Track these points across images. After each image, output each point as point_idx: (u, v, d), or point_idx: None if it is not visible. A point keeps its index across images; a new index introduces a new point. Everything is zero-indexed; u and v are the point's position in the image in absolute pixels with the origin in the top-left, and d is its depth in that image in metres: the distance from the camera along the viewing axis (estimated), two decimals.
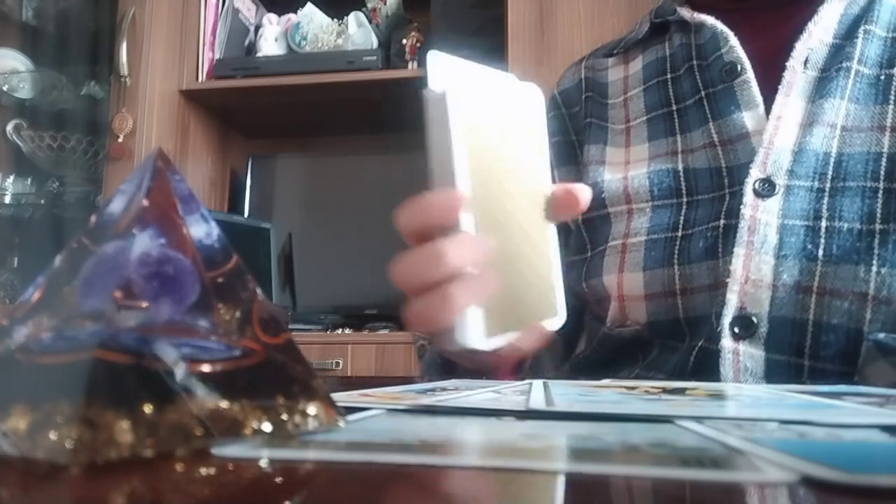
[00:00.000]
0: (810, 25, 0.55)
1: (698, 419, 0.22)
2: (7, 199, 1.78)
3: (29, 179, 1.79)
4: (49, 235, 1.72)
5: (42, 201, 1.77)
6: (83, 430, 0.16)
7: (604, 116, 0.65)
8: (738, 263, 0.50)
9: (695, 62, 0.60)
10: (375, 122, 1.88)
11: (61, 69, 1.76)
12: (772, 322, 0.49)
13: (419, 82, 0.40)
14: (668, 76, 0.62)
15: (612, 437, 0.19)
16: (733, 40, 0.57)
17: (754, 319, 0.49)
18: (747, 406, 0.27)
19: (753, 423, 0.22)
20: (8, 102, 1.78)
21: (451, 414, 0.24)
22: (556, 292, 0.43)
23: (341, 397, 0.29)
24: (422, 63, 1.59)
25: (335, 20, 1.75)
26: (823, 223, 0.49)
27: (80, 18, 1.78)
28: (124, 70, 1.58)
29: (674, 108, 0.60)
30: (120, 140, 1.57)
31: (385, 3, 1.70)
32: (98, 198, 1.65)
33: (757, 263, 0.50)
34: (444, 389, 0.32)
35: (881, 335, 0.46)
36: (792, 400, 0.29)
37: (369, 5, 1.73)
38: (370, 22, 1.70)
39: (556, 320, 0.42)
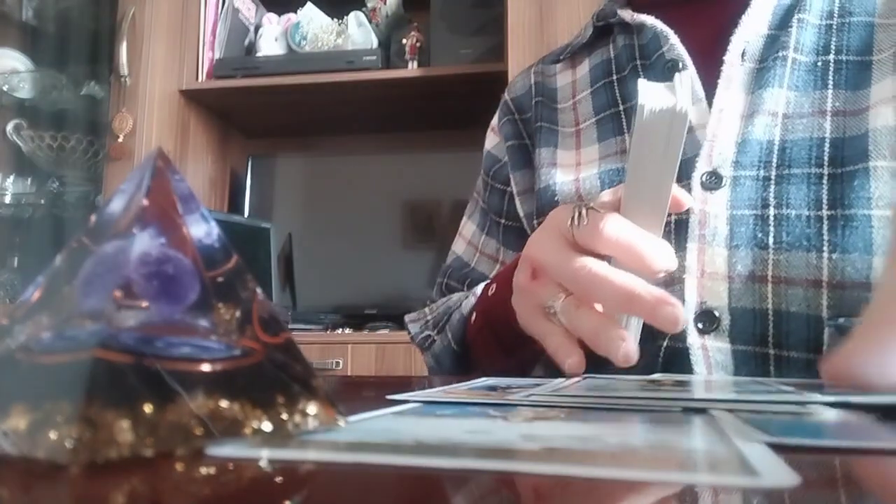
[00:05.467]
0: (744, 18, 0.55)
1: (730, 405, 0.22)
2: (7, 199, 1.78)
3: (29, 179, 1.80)
4: (49, 235, 1.72)
5: (42, 201, 1.77)
6: (83, 429, 0.16)
7: (554, 120, 0.66)
8: (692, 258, 0.50)
9: (638, 62, 0.61)
10: (375, 122, 1.88)
11: (61, 69, 1.76)
12: (733, 313, 0.49)
13: (419, 82, 0.40)
14: (614, 77, 0.63)
15: (612, 439, 0.19)
16: (673, 38, 0.58)
17: (716, 313, 0.49)
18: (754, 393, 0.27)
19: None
20: (8, 102, 1.78)
21: (454, 415, 0.24)
22: None
23: (425, 394, 0.29)
24: (422, 63, 1.60)
25: (335, 20, 1.75)
26: (772, 211, 0.50)
27: (80, 18, 1.78)
28: (124, 70, 1.58)
29: (621, 108, 0.61)
30: (120, 140, 1.57)
31: (385, 3, 1.70)
32: (98, 198, 1.66)
33: (711, 256, 0.50)
34: (508, 387, 0.32)
35: (842, 320, 0.46)
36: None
37: (369, 5, 1.73)
38: (370, 22, 1.70)
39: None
